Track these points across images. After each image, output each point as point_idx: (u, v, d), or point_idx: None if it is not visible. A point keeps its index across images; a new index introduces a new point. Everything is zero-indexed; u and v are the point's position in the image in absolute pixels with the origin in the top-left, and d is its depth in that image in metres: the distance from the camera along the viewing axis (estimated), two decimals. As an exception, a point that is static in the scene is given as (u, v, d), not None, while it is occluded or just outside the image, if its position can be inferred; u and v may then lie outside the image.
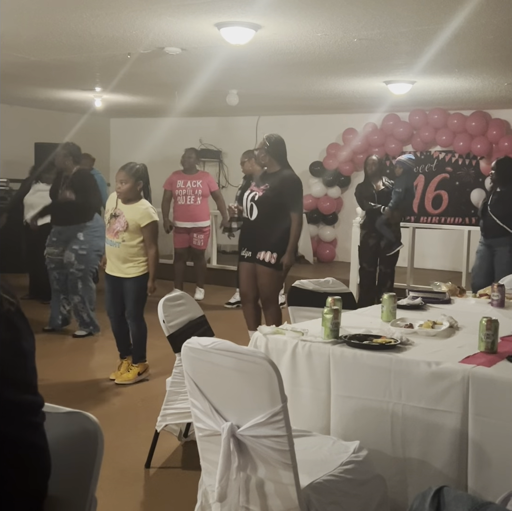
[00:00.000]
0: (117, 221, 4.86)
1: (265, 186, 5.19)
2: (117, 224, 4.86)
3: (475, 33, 5.31)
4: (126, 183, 4.81)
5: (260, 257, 5.16)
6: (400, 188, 7.00)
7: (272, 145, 5.23)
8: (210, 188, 8.22)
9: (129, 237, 4.85)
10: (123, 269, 4.92)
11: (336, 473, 2.49)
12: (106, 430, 1.65)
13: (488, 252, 6.50)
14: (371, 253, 7.24)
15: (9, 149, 10.19)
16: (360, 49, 6.00)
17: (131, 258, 4.89)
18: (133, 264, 4.89)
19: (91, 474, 1.59)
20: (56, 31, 5.64)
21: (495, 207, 6.39)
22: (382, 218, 7.02)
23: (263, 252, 5.14)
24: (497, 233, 6.38)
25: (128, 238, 4.85)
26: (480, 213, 6.58)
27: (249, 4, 4.69)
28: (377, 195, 7.10)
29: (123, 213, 4.85)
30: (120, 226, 4.84)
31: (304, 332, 3.14)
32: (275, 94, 8.98)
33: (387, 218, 7.00)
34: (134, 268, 4.90)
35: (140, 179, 4.88)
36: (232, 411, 2.38)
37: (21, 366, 1.50)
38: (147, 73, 7.53)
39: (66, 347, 6.16)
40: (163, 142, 11.29)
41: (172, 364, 3.63)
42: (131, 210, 4.85)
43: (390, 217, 7.00)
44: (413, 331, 3.27)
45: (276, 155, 5.24)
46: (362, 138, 10.45)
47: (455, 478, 2.70)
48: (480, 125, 9.63)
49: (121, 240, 4.86)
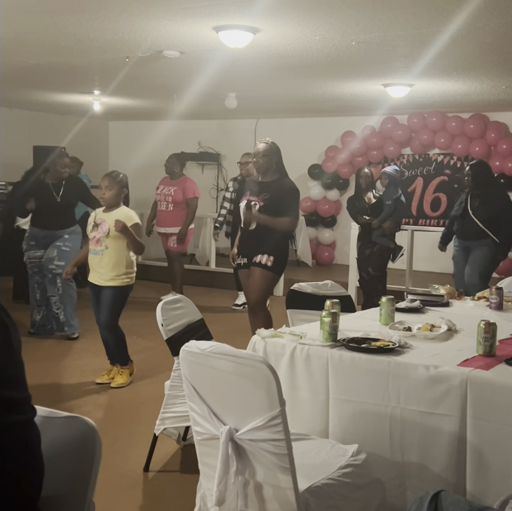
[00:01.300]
0: (100, 228, 4.84)
1: (264, 195, 5.11)
2: (99, 230, 4.84)
3: (473, 36, 5.31)
4: (111, 190, 4.84)
5: (256, 259, 5.12)
6: (389, 200, 6.99)
7: (275, 153, 5.18)
8: (185, 195, 8.02)
9: (112, 242, 4.81)
10: (104, 277, 4.86)
11: (334, 477, 2.48)
12: (104, 434, 1.65)
13: (464, 255, 6.54)
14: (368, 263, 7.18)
15: (8, 152, 10.19)
16: (358, 52, 6.00)
17: (115, 267, 4.83)
18: (116, 273, 4.83)
19: (89, 479, 1.59)
20: (55, 34, 5.65)
21: (478, 210, 6.39)
22: (377, 231, 7.00)
23: (260, 255, 5.11)
24: (477, 236, 6.40)
25: (111, 245, 4.81)
26: (460, 216, 6.54)
27: (247, 8, 4.70)
28: (369, 208, 7.06)
29: (104, 220, 4.84)
30: (102, 232, 4.81)
31: (302, 335, 3.14)
32: (274, 97, 8.99)
33: (383, 230, 6.98)
34: (116, 279, 4.84)
35: (124, 187, 4.91)
36: (230, 415, 2.38)
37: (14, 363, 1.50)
38: (145, 76, 7.53)
39: (60, 350, 6.15)
40: (162, 145, 11.29)
41: (170, 368, 3.63)
42: (112, 216, 4.82)
43: (386, 229, 6.98)
44: (412, 334, 3.27)
45: (276, 163, 5.19)
46: (360, 141, 10.46)
47: (453, 482, 2.70)
48: (478, 128, 9.64)
49: (104, 247, 4.83)
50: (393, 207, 7.00)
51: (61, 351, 6.11)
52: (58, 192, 6.33)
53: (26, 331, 6.42)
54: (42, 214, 6.39)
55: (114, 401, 4.77)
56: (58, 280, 6.25)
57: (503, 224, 6.35)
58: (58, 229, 6.36)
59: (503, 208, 6.41)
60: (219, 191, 11.91)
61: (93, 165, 9.56)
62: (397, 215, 7.05)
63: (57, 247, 6.27)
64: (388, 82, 7.49)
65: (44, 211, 6.37)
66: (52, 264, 6.24)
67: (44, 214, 6.38)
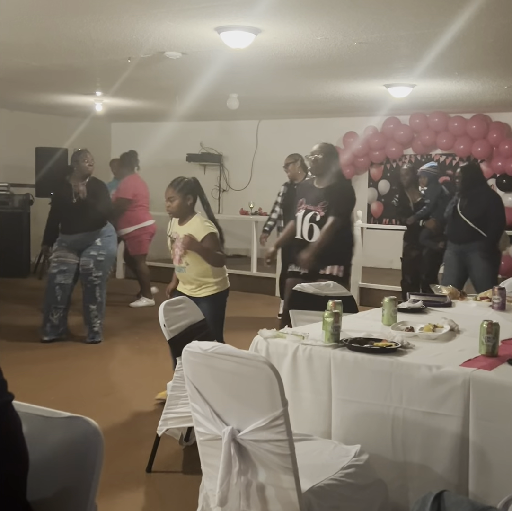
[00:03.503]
0: (175, 245, 4.49)
1: (323, 204, 4.78)
2: (176, 249, 4.49)
3: (475, 36, 5.31)
4: (174, 201, 4.47)
5: (326, 272, 4.75)
6: (429, 199, 6.82)
7: (332, 154, 4.96)
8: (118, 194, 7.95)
9: (192, 258, 4.41)
10: (195, 290, 4.48)
11: (337, 477, 2.48)
12: (107, 435, 1.65)
13: (457, 259, 6.38)
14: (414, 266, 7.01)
15: (10, 153, 10.20)
16: (360, 52, 6.00)
17: (201, 279, 4.46)
18: (205, 285, 4.47)
19: (91, 479, 1.59)
20: (57, 36, 5.65)
21: (467, 210, 6.31)
22: (424, 232, 6.83)
23: (329, 267, 4.76)
24: (469, 238, 6.25)
25: (191, 260, 4.42)
26: (451, 219, 6.43)
27: (249, 8, 4.70)
28: (414, 207, 6.89)
29: (179, 235, 4.46)
30: (178, 250, 4.45)
31: (304, 335, 3.14)
32: (276, 98, 8.99)
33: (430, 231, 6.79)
34: (205, 289, 4.48)
35: (190, 194, 4.51)
36: (232, 415, 2.38)
37: None
38: (147, 77, 7.54)
39: (69, 353, 6.15)
40: (164, 146, 11.30)
41: (172, 369, 3.63)
42: (184, 230, 4.45)
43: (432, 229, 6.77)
44: (414, 335, 3.27)
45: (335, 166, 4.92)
46: (362, 141, 10.45)
47: (456, 483, 2.69)
48: (480, 128, 9.63)
49: (185, 265, 4.46)
50: (433, 206, 6.77)
51: (65, 354, 6.12)
52: (77, 193, 6.20)
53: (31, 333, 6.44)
54: (62, 217, 6.36)
55: (116, 402, 4.78)
56: (97, 290, 6.25)
57: (490, 221, 6.22)
58: (80, 231, 6.21)
59: (490, 205, 6.28)
60: (221, 192, 11.92)
61: (96, 166, 9.53)
62: (440, 214, 6.73)
63: (92, 257, 6.21)
64: (390, 82, 7.49)
65: (63, 213, 6.33)
66: (90, 275, 6.23)
67: (63, 216, 6.35)
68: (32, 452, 1.63)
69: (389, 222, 10.61)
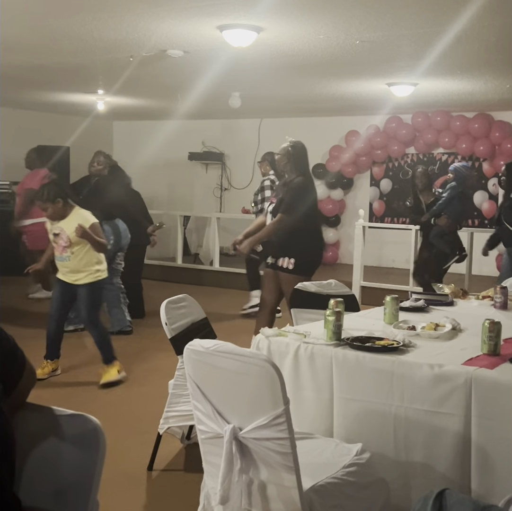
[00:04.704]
0: (60, 238, 4.97)
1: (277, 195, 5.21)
2: (60, 241, 4.98)
3: (478, 35, 5.30)
4: (48, 209, 4.94)
5: (279, 263, 5.12)
6: (447, 193, 6.69)
7: (297, 153, 5.17)
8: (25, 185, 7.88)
9: (75, 249, 4.96)
10: (77, 277, 5.01)
11: (338, 476, 2.48)
12: (108, 433, 1.65)
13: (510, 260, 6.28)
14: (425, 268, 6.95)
15: (12, 152, 10.20)
16: (362, 51, 6.00)
17: (82, 268, 4.99)
18: (88, 272, 5.00)
19: (93, 477, 1.59)
20: (59, 34, 5.66)
21: (507, 214, 6.17)
22: (435, 229, 6.74)
23: (282, 259, 5.10)
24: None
25: (74, 251, 4.97)
26: (496, 222, 6.31)
27: (251, 7, 4.70)
28: (426, 208, 6.81)
29: (63, 229, 4.96)
30: (63, 242, 4.96)
31: (306, 334, 3.14)
32: (278, 97, 8.99)
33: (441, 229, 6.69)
34: (89, 277, 5.00)
35: (57, 197, 4.91)
36: (234, 414, 2.38)
37: None
38: (149, 75, 7.54)
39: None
40: (166, 145, 11.31)
41: (174, 367, 3.63)
42: (69, 222, 4.93)
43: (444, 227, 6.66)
44: (416, 333, 3.26)
45: (297, 164, 5.16)
46: (364, 140, 10.45)
47: (458, 481, 2.69)
48: (483, 127, 9.62)
49: (70, 254, 4.98)
50: (447, 202, 6.63)
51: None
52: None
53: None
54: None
55: (118, 400, 4.78)
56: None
57: None
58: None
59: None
60: (223, 191, 11.92)
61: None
62: (453, 212, 6.64)
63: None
64: (392, 81, 7.48)
65: None
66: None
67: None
68: (33, 449, 1.63)
69: (391, 221, 10.61)
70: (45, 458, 1.63)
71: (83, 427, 1.63)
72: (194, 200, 12.13)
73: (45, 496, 1.60)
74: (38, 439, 1.64)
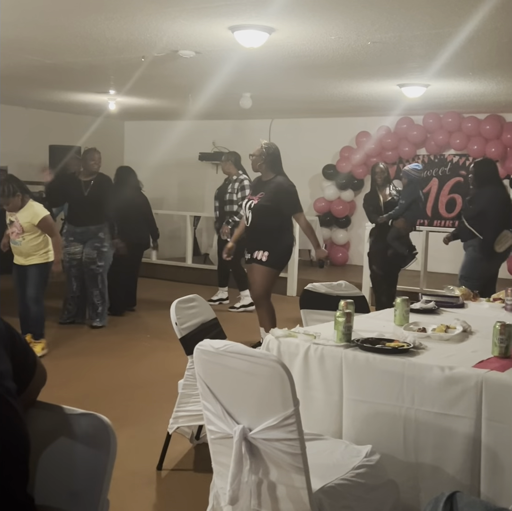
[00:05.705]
0: (14, 225, 5.64)
1: (261, 195, 5.51)
2: (14, 228, 5.65)
3: (490, 36, 5.28)
4: (9, 204, 5.60)
5: (253, 255, 5.51)
6: (404, 200, 6.76)
7: (271, 155, 5.56)
8: None
9: (27, 234, 5.63)
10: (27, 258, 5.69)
11: (348, 477, 2.48)
12: (118, 432, 1.65)
13: None
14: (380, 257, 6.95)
15: (24, 151, 10.25)
16: (374, 52, 5.99)
17: (32, 252, 5.67)
18: (37, 254, 5.69)
19: (103, 476, 1.59)
20: (71, 34, 5.68)
21: (465, 210, 6.28)
22: (392, 231, 6.80)
23: (257, 251, 5.48)
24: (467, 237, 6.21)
25: (27, 236, 5.64)
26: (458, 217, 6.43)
27: (263, 8, 4.70)
28: (384, 206, 6.86)
29: (17, 217, 5.63)
30: (17, 230, 5.64)
31: (316, 335, 3.14)
32: (289, 97, 8.99)
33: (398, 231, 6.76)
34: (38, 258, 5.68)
35: (17, 191, 5.56)
36: (244, 414, 2.38)
37: None
38: (161, 76, 7.56)
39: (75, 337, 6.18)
40: (177, 145, 11.32)
41: (184, 367, 3.63)
42: (24, 214, 5.62)
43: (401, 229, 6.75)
44: (426, 335, 3.25)
45: (272, 164, 5.55)
46: (375, 141, 10.43)
47: (468, 484, 2.68)
48: (494, 129, 9.59)
49: (22, 239, 5.67)
50: (406, 207, 6.76)
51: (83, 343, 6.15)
52: (87, 188, 6.80)
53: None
54: (73, 210, 6.96)
55: (128, 399, 4.79)
56: (99, 278, 6.80)
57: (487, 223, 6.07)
58: (89, 224, 6.78)
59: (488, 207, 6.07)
60: (233, 191, 11.90)
61: (108, 165, 9.55)
62: (410, 215, 6.81)
63: (96, 248, 6.78)
64: (403, 82, 7.46)
65: (74, 206, 6.92)
66: (93, 265, 6.78)
67: (74, 210, 6.93)
68: (44, 448, 1.64)
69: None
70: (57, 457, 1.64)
71: (94, 426, 1.63)
72: (204, 200, 12.14)
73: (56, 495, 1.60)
74: (49, 438, 1.65)
